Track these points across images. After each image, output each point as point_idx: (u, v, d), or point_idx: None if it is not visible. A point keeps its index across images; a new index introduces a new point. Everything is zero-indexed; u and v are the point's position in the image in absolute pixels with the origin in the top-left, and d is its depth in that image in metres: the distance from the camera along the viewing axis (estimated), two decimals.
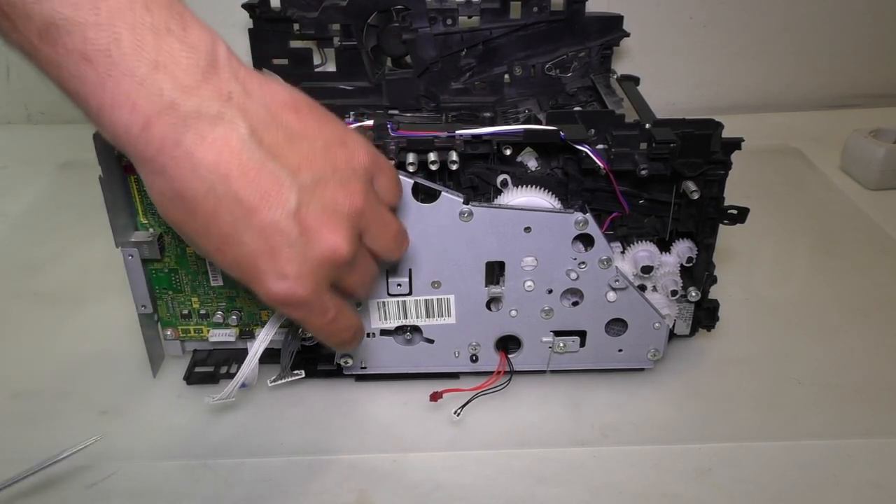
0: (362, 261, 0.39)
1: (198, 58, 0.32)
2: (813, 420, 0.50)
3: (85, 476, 0.46)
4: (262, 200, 0.33)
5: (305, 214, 0.34)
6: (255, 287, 0.36)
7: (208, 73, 0.32)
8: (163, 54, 0.31)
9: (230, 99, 0.33)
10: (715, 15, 0.89)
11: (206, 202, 0.33)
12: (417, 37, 0.62)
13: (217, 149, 0.32)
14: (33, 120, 0.92)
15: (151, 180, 0.33)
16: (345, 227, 0.36)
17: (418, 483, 0.46)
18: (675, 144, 0.45)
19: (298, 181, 0.34)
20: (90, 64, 0.30)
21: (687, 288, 0.50)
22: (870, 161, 0.78)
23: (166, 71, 0.31)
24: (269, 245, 0.34)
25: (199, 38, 0.32)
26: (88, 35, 0.30)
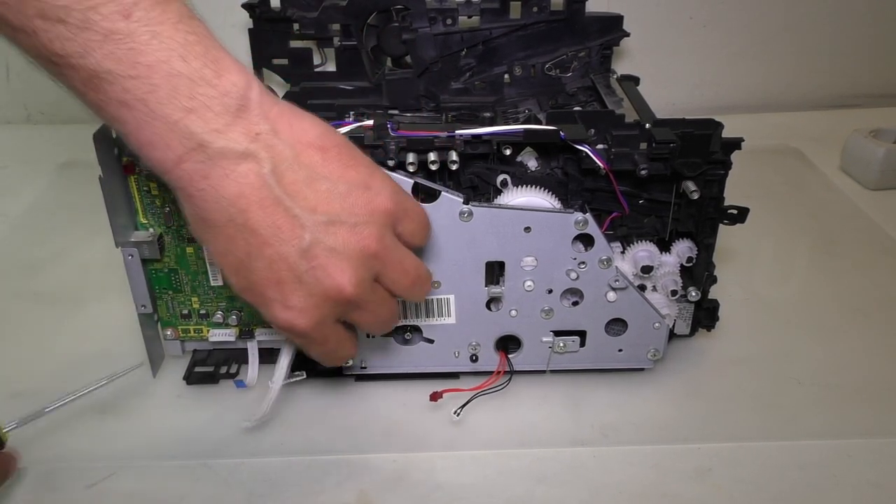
0: (374, 301, 0.40)
1: (228, 102, 0.34)
2: (813, 420, 0.50)
3: (85, 476, 0.46)
4: (274, 235, 0.36)
5: (316, 253, 0.36)
6: (262, 311, 0.39)
7: (238, 115, 0.35)
8: (195, 101, 0.34)
9: (257, 138, 0.35)
10: (715, 15, 0.89)
11: (226, 230, 0.36)
12: (417, 37, 0.62)
13: (239, 184, 0.35)
14: (33, 120, 0.92)
15: (182, 204, 0.37)
16: (353, 268, 0.37)
17: (418, 483, 0.46)
18: (675, 144, 0.45)
19: (313, 220, 0.36)
20: (129, 110, 0.33)
21: (687, 288, 0.50)
22: (870, 161, 0.78)
23: (197, 115, 0.34)
24: (278, 276, 0.37)
25: (232, 84, 0.35)
26: (127, 86, 0.33)
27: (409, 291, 0.42)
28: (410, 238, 0.41)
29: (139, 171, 0.47)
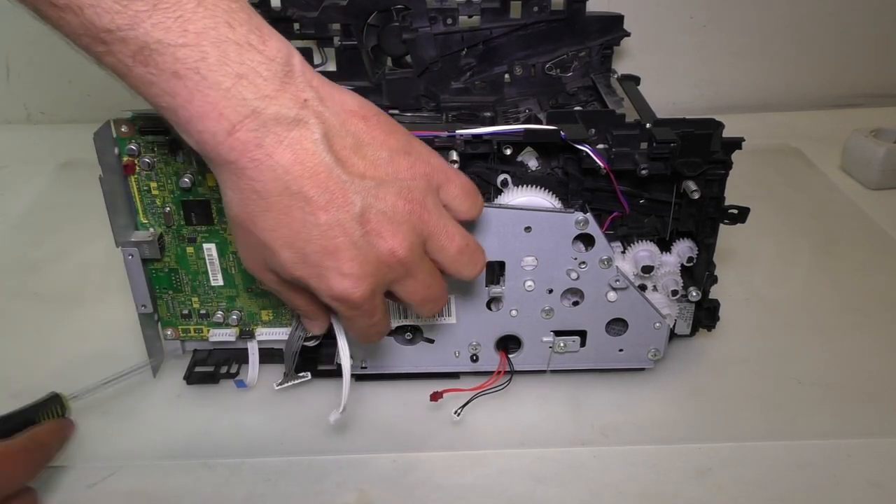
0: (423, 271, 0.40)
1: (276, 68, 0.34)
2: (813, 420, 0.50)
3: (85, 476, 0.46)
4: (329, 201, 0.35)
5: (369, 217, 0.37)
6: (317, 284, 0.38)
7: (286, 81, 0.35)
8: (245, 66, 0.33)
9: (306, 105, 0.35)
10: (715, 15, 0.89)
11: (281, 200, 0.35)
12: (417, 36, 0.62)
13: (293, 151, 0.35)
14: (33, 120, 0.92)
15: (232, 181, 0.36)
16: (403, 231, 0.38)
17: (418, 483, 0.46)
18: (675, 144, 0.45)
19: (363, 185, 0.36)
20: (181, 80, 0.33)
21: (687, 288, 0.50)
22: (870, 161, 0.78)
23: (248, 81, 0.33)
24: (334, 244, 0.36)
25: (277, 50, 0.35)
26: (178, 55, 0.32)
27: (457, 261, 0.41)
28: (456, 203, 0.41)
29: (139, 171, 0.47)
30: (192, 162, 0.46)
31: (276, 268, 0.38)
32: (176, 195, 0.48)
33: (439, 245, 0.40)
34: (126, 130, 0.46)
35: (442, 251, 0.40)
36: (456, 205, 0.41)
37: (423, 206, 0.39)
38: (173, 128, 0.35)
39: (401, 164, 0.38)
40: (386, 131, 0.38)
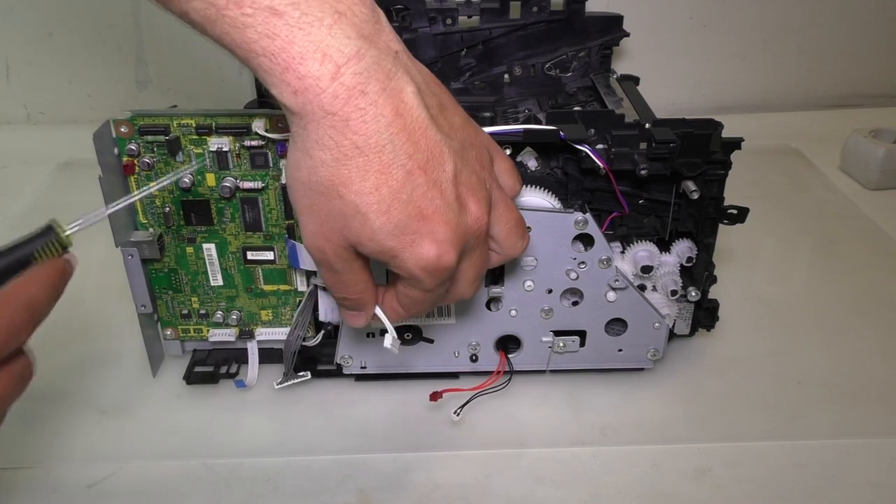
0: (484, 246, 0.38)
1: (367, 12, 0.33)
2: (813, 420, 0.50)
3: (85, 476, 0.46)
4: (428, 160, 0.34)
5: (461, 179, 0.35)
6: (407, 254, 0.35)
7: (377, 27, 0.33)
8: (342, 3, 0.32)
9: (398, 56, 0.34)
10: (715, 15, 0.89)
11: (382, 156, 0.33)
12: (417, 36, 0.62)
13: (394, 102, 0.33)
14: (33, 120, 0.92)
15: (329, 137, 0.32)
16: (484, 198, 0.37)
17: (418, 483, 0.46)
18: (674, 144, 0.45)
19: (451, 146, 0.35)
20: (280, 17, 0.31)
21: (687, 288, 0.50)
22: (870, 161, 0.78)
23: (348, 19, 0.32)
24: (432, 207, 0.34)
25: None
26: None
27: (513, 232, 0.39)
28: (505, 177, 0.40)
29: (139, 171, 0.47)
30: (191, 162, 0.46)
31: (362, 239, 0.34)
32: (176, 195, 0.48)
33: (500, 215, 0.39)
34: (126, 131, 0.46)
35: (501, 222, 0.39)
36: (505, 178, 0.40)
37: (492, 175, 0.38)
38: (264, 83, 0.33)
39: (469, 131, 0.38)
40: (453, 100, 0.38)
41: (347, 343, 0.50)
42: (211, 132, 0.46)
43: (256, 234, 0.49)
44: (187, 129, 0.46)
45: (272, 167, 0.46)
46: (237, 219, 0.48)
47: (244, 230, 0.49)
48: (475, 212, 0.36)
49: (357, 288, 0.39)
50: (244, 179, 0.47)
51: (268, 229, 0.49)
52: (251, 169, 0.47)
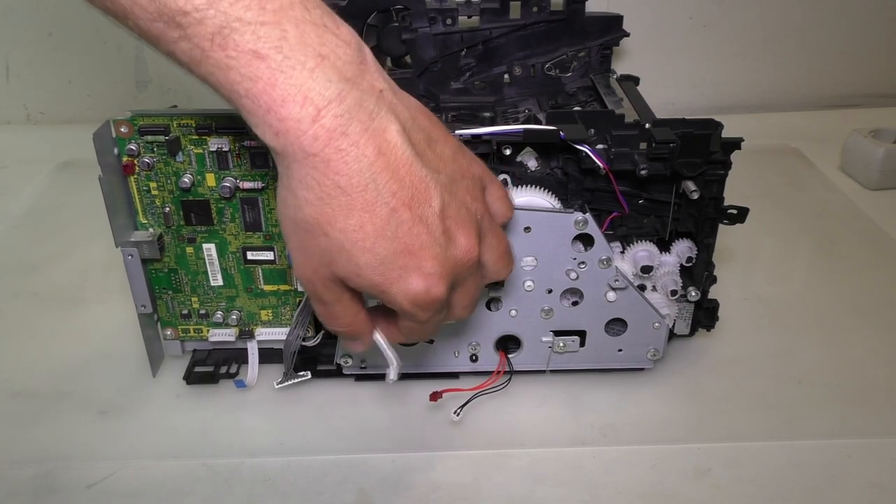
0: (476, 275, 0.39)
1: (352, 53, 0.33)
2: (813, 420, 0.50)
3: (85, 476, 0.46)
4: (413, 196, 0.34)
5: (448, 213, 0.36)
6: (395, 288, 0.35)
7: (361, 68, 0.34)
8: (325, 47, 0.32)
9: (382, 95, 0.34)
10: (715, 15, 0.89)
11: (366, 195, 0.33)
12: (417, 37, 0.62)
13: (377, 142, 0.33)
14: (33, 120, 0.92)
15: (312, 177, 0.33)
16: (474, 229, 0.37)
17: (418, 483, 0.46)
18: (674, 144, 0.45)
19: (439, 181, 0.35)
20: (263, 60, 0.31)
21: (687, 288, 0.50)
22: (870, 161, 0.78)
23: (330, 63, 0.32)
24: (419, 241, 0.35)
25: (349, 34, 0.34)
26: (259, 33, 0.31)
27: (500, 260, 0.40)
28: (497, 205, 0.41)
29: (139, 172, 0.47)
30: (191, 162, 0.46)
31: (349, 274, 0.35)
32: (175, 195, 0.48)
33: (489, 244, 0.39)
34: (126, 131, 0.46)
35: (491, 251, 0.39)
36: (497, 207, 0.41)
37: (484, 205, 0.38)
38: (247, 122, 0.33)
39: (462, 161, 0.38)
40: (444, 131, 0.38)
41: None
42: (211, 132, 0.46)
43: (256, 234, 0.49)
44: (187, 129, 0.46)
45: (272, 167, 0.46)
46: (237, 219, 0.48)
47: (244, 230, 0.49)
48: (464, 244, 0.36)
49: (347, 319, 0.39)
50: (244, 179, 0.47)
51: (268, 229, 0.49)
52: (251, 169, 0.47)
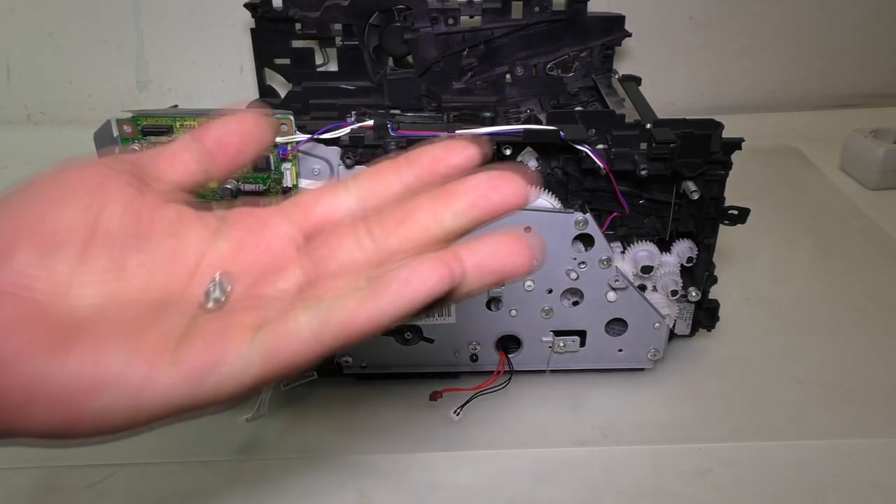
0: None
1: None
2: (813, 420, 0.50)
3: (85, 476, 0.46)
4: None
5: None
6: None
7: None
8: None
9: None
10: (715, 15, 0.89)
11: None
12: (419, 36, 0.62)
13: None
14: (33, 120, 0.92)
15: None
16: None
17: (418, 483, 0.46)
18: (675, 144, 0.45)
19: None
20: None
21: (687, 288, 0.50)
22: (870, 161, 0.78)
23: None
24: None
25: None
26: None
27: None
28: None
29: None
30: None
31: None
32: None
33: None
34: (129, 130, 0.46)
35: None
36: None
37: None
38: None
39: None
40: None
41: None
42: None
43: None
44: (190, 129, 0.46)
45: (273, 170, 0.46)
46: None
47: None
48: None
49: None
50: (245, 182, 0.47)
51: None
52: (252, 171, 0.47)
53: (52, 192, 0.27)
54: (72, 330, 0.24)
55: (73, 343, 0.24)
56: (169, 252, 0.27)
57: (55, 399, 0.23)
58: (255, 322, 0.25)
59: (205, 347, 0.24)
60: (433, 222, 0.27)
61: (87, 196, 0.27)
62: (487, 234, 0.26)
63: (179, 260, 0.27)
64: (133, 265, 0.26)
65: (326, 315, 0.24)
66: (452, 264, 0.24)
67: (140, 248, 0.27)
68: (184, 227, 0.28)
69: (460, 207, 0.27)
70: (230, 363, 0.24)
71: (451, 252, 0.25)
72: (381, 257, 0.27)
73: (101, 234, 0.26)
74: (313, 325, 0.24)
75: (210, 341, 0.24)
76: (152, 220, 0.28)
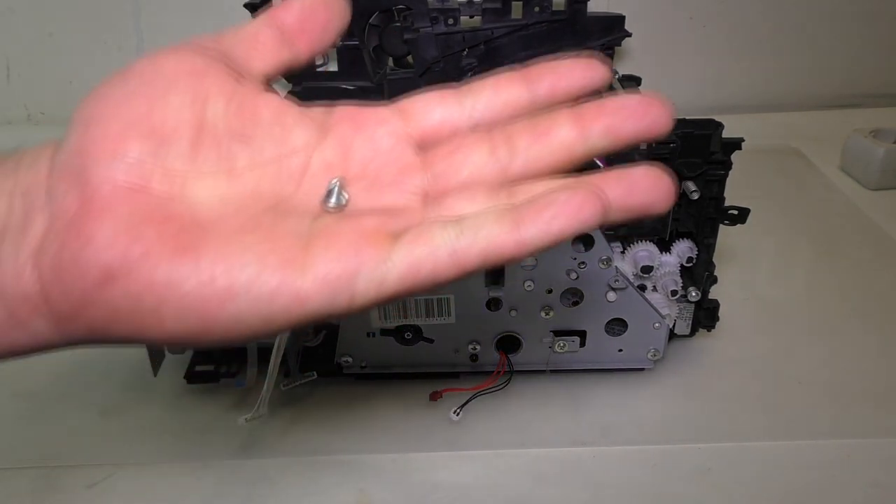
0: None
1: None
2: (813, 420, 0.50)
3: (85, 476, 0.46)
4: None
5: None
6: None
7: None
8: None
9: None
10: (715, 15, 0.89)
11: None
12: (419, 36, 0.62)
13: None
14: (33, 120, 0.92)
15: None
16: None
17: (418, 483, 0.46)
18: (674, 144, 0.45)
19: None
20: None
21: (687, 288, 0.50)
22: (870, 161, 0.78)
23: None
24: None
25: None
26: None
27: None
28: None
29: None
30: None
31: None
32: None
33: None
34: None
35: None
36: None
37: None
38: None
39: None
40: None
41: (347, 343, 0.50)
42: None
43: None
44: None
45: None
46: None
47: None
48: None
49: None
50: None
51: None
52: None
53: (154, 83, 0.24)
54: (196, 231, 0.23)
55: (201, 247, 0.22)
56: (276, 148, 0.26)
57: (187, 305, 0.22)
58: (389, 230, 0.23)
59: (340, 255, 0.23)
60: (578, 139, 0.25)
61: (189, 86, 0.25)
62: (622, 166, 0.24)
63: (287, 157, 0.26)
64: (242, 163, 0.25)
65: (470, 238, 0.22)
66: (602, 196, 0.23)
67: (247, 143, 0.25)
68: (288, 120, 0.26)
69: (609, 125, 0.25)
70: (368, 274, 0.22)
71: (593, 182, 0.23)
72: (512, 174, 0.25)
73: (208, 127, 0.25)
74: (456, 246, 0.22)
75: (345, 249, 0.23)
76: (254, 112, 0.26)
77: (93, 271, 0.22)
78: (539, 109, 0.27)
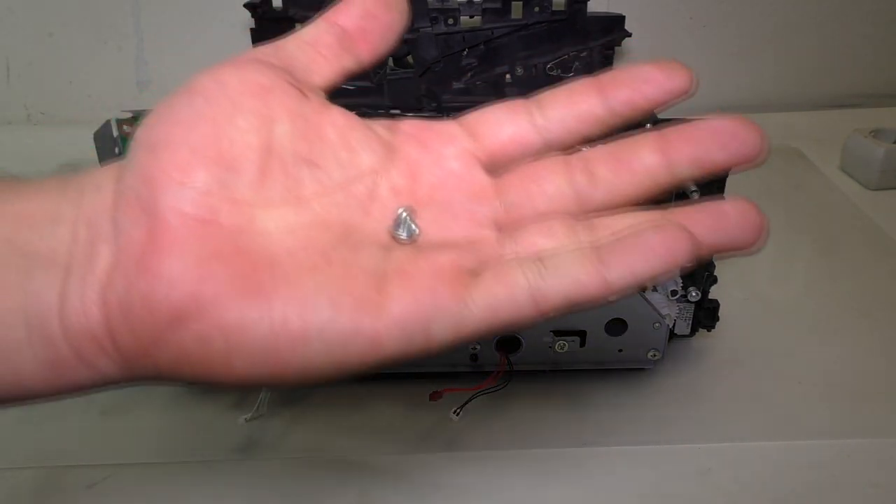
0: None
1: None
2: (813, 420, 0.50)
3: (85, 476, 0.46)
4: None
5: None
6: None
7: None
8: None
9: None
10: (715, 15, 0.89)
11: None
12: (419, 36, 0.62)
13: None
14: (33, 120, 0.92)
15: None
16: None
17: (418, 483, 0.46)
18: None
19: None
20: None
21: (687, 288, 0.50)
22: (870, 161, 0.78)
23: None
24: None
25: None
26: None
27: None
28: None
29: None
30: None
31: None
32: None
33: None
34: (129, 129, 0.46)
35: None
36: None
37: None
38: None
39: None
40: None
41: None
42: None
43: None
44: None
45: None
46: None
47: None
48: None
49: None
50: None
51: None
52: None
53: (220, 103, 0.23)
54: (266, 268, 0.22)
55: (272, 287, 0.21)
56: (343, 172, 0.24)
57: (258, 349, 0.21)
58: (465, 267, 0.22)
59: (416, 297, 0.22)
60: (663, 168, 0.23)
61: (255, 107, 0.23)
62: (706, 201, 0.22)
63: (355, 182, 0.24)
64: (309, 190, 0.23)
65: (553, 281, 0.21)
66: (690, 235, 0.21)
67: (314, 168, 0.24)
68: (354, 140, 0.25)
69: (698, 155, 0.23)
70: (445, 316, 0.22)
71: (679, 218, 0.22)
72: (592, 205, 0.24)
73: (275, 152, 0.23)
74: (538, 288, 0.21)
75: (421, 290, 0.22)
76: (320, 133, 0.24)
77: (163, 312, 0.21)
78: (615, 122, 0.25)
